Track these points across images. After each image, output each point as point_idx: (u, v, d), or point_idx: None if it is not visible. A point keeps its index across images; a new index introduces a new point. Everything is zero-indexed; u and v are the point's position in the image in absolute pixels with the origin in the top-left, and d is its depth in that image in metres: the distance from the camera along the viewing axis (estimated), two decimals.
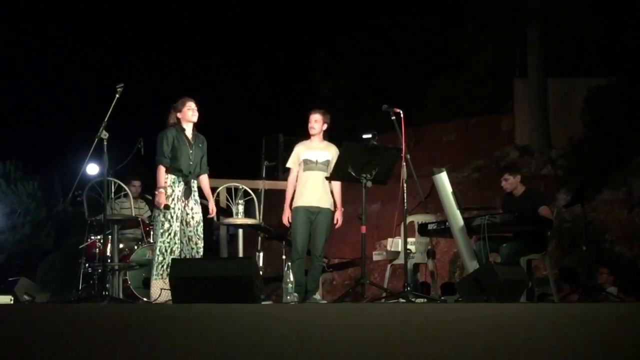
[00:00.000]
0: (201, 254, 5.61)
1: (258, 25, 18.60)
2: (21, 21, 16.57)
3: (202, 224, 5.68)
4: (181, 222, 5.59)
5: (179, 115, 5.72)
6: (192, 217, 5.62)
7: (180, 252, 5.55)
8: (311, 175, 5.90)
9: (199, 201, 5.71)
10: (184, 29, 18.38)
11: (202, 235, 5.66)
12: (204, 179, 5.85)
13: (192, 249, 5.59)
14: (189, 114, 5.69)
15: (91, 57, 17.10)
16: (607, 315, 3.66)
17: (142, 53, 17.35)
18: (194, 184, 5.72)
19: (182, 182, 5.61)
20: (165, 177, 5.58)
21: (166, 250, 5.50)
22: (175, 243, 5.52)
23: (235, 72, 16.69)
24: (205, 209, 5.78)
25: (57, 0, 16.65)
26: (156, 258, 5.51)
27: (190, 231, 5.60)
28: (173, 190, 5.58)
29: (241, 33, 18.76)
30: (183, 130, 5.70)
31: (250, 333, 3.00)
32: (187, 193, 5.62)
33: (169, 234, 5.51)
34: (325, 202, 5.91)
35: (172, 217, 5.53)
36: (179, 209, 5.58)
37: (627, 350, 3.44)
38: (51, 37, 16.52)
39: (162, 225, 5.51)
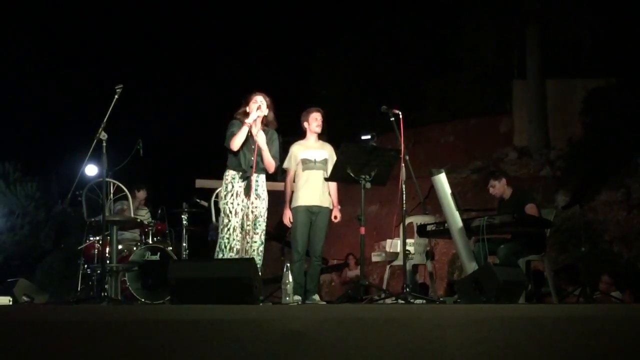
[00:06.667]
0: (255, 248, 5.42)
1: (258, 26, 18.63)
2: (20, 21, 16.56)
3: (261, 218, 5.48)
4: (242, 217, 5.43)
5: (247, 109, 5.54)
6: (252, 211, 5.43)
7: (241, 247, 5.40)
8: (311, 174, 5.89)
9: (262, 196, 5.51)
10: (183, 29, 18.39)
11: (261, 229, 5.45)
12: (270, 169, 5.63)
13: (248, 242, 5.41)
14: (253, 107, 5.49)
15: (90, 57, 17.11)
16: (607, 316, 3.67)
17: (142, 54, 17.36)
18: (257, 179, 5.52)
19: (241, 179, 5.45)
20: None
21: (225, 247, 5.35)
22: (234, 239, 5.39)
23: (235, 72, 16.70)
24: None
25: (56, 0, 16.65)
26: (216, 254, 5.39)
27: (248, 225, 5.42)
28: (233, 186, 5.44)
29: (241, 33, 18.77)
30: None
31: (250, 334, 3.01)
32: (248, 190, 5.43)
33: (228, 229, 5.38)
34: (326, 201, 5.90)
35: (230, 212, 5.39)
36: (238, 204, 5.42)
37: (627, 351, 3.44)
38: (50, 38, 16.51)
39: (222, 221, 5.40)
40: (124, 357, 2.90)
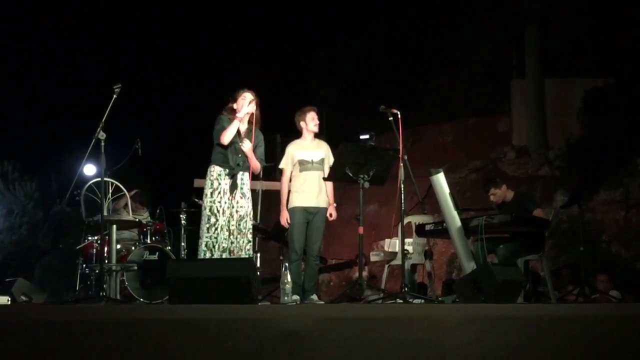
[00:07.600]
0: (242, 247, 5.43)
1: (257, 25, 18.60)
2: (18, 21, 16.55)
3: (246, 218, 5.49)
4: (229, 216, 5.43)
5: (235, 106, 5.55)
6: (237, 211, 5.44)
7: (228, 246, 5.39)
8: (308, 175, 5.88)
9: (246, 195, 5.52)
10: (182, 29, 18.37)
11: (247, 229, 5.47)
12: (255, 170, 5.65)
13: (232, 242, 5.41)
14: (244, 103, 5.51)
15: (89, 57, 17.08)
16: (605, 315, 3.67)
17: (141, 54, 17.34)
18: (242, 177, 5.53)
19: (227, 176, 5.45)
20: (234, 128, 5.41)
21: (213, 246, 5.34)
22: (222, 238, 5.36)
23: (234, 72, 16.69)
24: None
25: (54, 0, 16.64)
26: (202, 254, 5.35)
27: (233, 225, 5.42)
28: (219, 184, 5.44)
29: (239, 33, 18.76)
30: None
31: (248, 334, 3.01)
32: (233, 187, 5.44)
33: (215, 229, 5.37)
34: (323, 202, 5.90)
35: (217, 211, 5.39)
36: (224, 202, 5.42)
37: (626, 351, 3.45)
38: (49, 37, 16.50)
39: (208, 219, 5.38)
40: (123, 357, 2.90)
